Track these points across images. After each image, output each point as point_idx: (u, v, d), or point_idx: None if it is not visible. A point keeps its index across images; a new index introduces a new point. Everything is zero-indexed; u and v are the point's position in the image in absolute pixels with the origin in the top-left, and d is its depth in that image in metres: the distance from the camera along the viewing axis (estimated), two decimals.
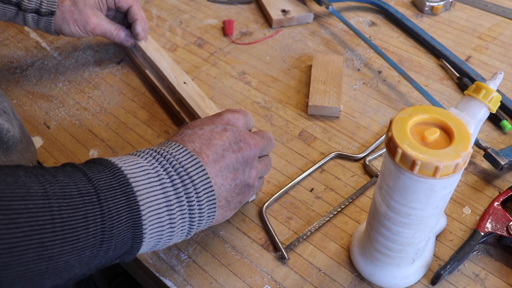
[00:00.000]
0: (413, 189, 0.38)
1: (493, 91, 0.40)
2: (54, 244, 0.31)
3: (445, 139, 0.37)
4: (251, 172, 0.45)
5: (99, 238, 0.34)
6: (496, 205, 0.53)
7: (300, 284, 0.50)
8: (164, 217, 0.38)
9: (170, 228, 0.39)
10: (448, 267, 0.49)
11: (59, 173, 0.34)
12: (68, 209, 0.32)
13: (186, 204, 0.39)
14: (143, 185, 0.37)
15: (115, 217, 0.35)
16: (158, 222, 0.38)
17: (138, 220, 0.36)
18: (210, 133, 0.43)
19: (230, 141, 0.44)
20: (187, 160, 0.40)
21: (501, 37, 0.82)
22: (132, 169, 0.37)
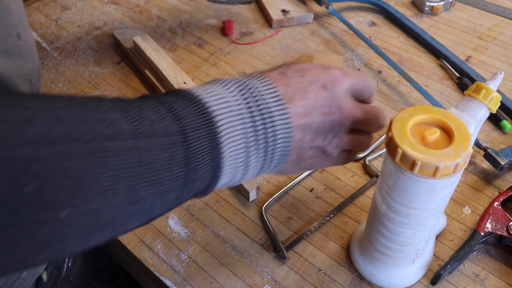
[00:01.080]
0: (413, 189, 0.38)
1: (493, 91, 0.40)
2: (141, 187, 0.30)
3: (445, 139, 0.37)
4: (333, 140, 0.41)
5: (182, 181, 0.33)
6: (496, 205, 0.53)
7: (300, 284, 0.50)
8: (241, 161, 0.36)
9: (243, 171, 0.37)
10: (448, 267, 0.49)
11: (144, 108, 0.32)
12: (155, 150, 0.30)
13: (262, 150, 0.37)
14: (227, 126, 0.35)
15: (198, 159, 0.33)
16: (235, 164, 0.36)
17: (219, 162, 0.35)
18: (309, 84, 0.39)
19: (324, 102, 0.39)
20: (275, 106, 0.37)
21: (501, 37, 0.82)
22: (218, 107, 0.35)
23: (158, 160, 0.30)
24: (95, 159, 0.27)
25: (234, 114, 0.35)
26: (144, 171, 0.30)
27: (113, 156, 0.28)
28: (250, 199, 0.57)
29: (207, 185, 0.36)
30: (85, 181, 0.26)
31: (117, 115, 0.30)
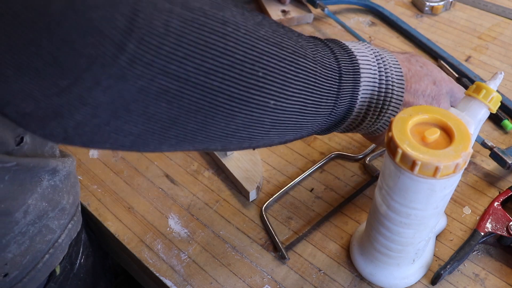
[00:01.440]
0: (413, 189, 0.38)
1: (493, 91, 0.40)
2: (308, 104, 0.38)
3: (445, 139, 0.37)
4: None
5: (330, 111, 0.40)
6: (496, 205, 0.53)
7: (300, 284, 0.50)
8: (363, 110, 0.43)
9: (361, 119, 0.44)
10: (448, 267, 0.49)
11: (316, 44, 0.40)
12: (323, 77, 0.38)
13: (378, 109, 0.44)
14: (365, 80, 0.42)
15: (342, 98, 0.40)
16: (359, 112, 0.43)
17: (353, 105, 0.42)
18: (424, 75, 0.46)
19: (430, 93, 0.46)
20: (397, 78, 0.44)
21: (501, 37, 0.82)
22: (363, 63, 0.42)
23: (324, 84, 0.39)
24: (294, 68, 0.35)
25: (371, 72, 0.42)
26: (315, 91, 0.38)
27: (302, 71, 0.36)
28: (250, 199, 0.57)
29: (341, 118, 0.43)
30: (287, 83, 0.35)
31: (303, 42, 0.38)
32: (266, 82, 0.33)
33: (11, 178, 0.41)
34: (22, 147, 0.42)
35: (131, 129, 0.30)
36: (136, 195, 0.59)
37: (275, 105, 0.35)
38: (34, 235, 0.46)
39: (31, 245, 0.46)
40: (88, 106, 0.27)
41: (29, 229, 0.45)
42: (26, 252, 0.46)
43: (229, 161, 0.60)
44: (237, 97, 0.32)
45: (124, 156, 0.64)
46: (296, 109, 0.37)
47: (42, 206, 0.46)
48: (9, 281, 0.46)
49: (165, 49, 0.27)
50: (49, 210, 0.47)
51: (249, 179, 0.58)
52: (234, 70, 0.31)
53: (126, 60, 0.26)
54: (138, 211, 0.58)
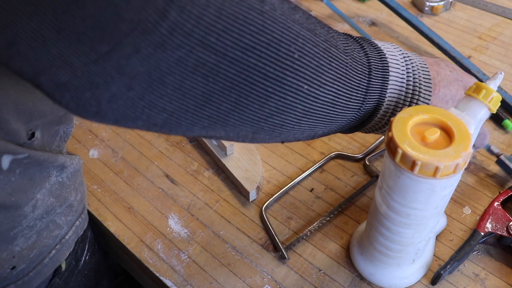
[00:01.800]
0: (413, 189, 0.38)
1: (494, 91, 0.40)
2: (339, 96, 0.38)
3: (445, 139, 0.37)
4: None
5: (359, 106, 0.40)
6: (496, 205, 0.53)
7: (300, 284, 0.50)
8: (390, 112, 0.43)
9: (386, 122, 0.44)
10: (448, 267, 0.49)
11: (347, 38, 0.41)
12: (353, 70, 0.38)
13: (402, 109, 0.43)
14: (393, 78, 0.42)
15: (371, 94, 0.40)
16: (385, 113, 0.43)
17: (380, 105, 0.42)
18: (454, 80, 0.46)
19: (459, 98, 0.46)
20: (425, 81, 0.44)
21: (501, 37, 0.82)
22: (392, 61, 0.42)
23: (355, 77, 0.38)
24: (327, 56, 0.35)
25: (399, 72, 0.42)
26: (346, 83, 0.38)
27: (334, 60, 0.36)
28: (250, 199, 0.57)
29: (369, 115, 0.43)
30: (321, 69, 0.35)
31: (334, 34, 0.38)
32: (301, 65, 0.33)
33: (21, 172, 0.42)
34: (33, 142, 0.43)
35: (165, 105, 0.30)
36: (136, 195, 0.59)
37: (309, 90, 0.35)
38: (41, 230, 0.47)
39: (38, 240, 0.47)
40: (125, 76, 0.27)
41: (37, 223, 0.46)
42: (33, 246, 0.47)
43: (229, 161, 0.60)
44: (272, 76, 0.32)
45: (124, 156, 0.64)
46: (328, 99, 0.37)
47: (50, 202, 0.46)
48: (16, 274, 0.47)
49: (206, 20, 0.27)
50: (56, 206, 0.48)
51: (249, 179, 0.58)
52: (270, 49, 0.31)
53: (167, 27, 0.26)
54: (138, 211, 0.58)
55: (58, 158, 0.46)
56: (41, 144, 0.45)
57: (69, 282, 0.55)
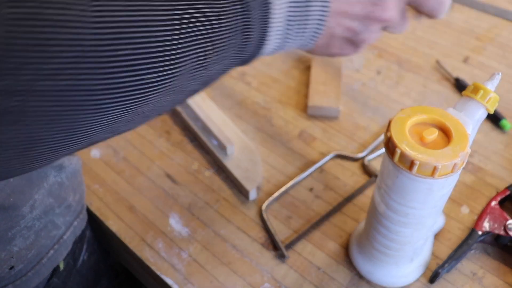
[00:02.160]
0: (412, 189, 0.38)
1: (491, 92, 0.41)
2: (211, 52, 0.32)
3: (443, 139, 0.38)
4: (365, 35, 0.41)
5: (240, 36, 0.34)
6: (494, 204, 0.54)
7: (299, 283, 0.51)
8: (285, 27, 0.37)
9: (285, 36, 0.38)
10: (446, 266, 0.49)
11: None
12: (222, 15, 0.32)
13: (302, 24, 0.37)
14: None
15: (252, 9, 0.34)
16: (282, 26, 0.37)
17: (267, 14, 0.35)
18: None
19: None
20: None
21: (499, 38, 0.83)
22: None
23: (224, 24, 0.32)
24: (175, 25, 0.28)
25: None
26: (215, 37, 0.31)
27: (190, 23, 0.29)
28: (250, 199, 0.58)
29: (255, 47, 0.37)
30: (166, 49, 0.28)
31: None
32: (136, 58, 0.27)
33: None
34: None
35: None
36: (137, 194, 0.60)
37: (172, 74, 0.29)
38: (39, 230, 0.47)
39: (36, 240, 0.47)
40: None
41: (35, 223, 0.46)
42: (31, 246, 0.47)
43: (229, 161, 0.60)
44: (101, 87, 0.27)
45: (125, 156, 0.64)
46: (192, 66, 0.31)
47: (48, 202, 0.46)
48: (15, 274, 0.47)
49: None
50: (55, 206, 0.48)
51: (249, 179, 0.58)
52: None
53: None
54: (139, 210, 0.58)
55: None
56: None
57: (67, 282, 0.56)
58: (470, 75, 0.76)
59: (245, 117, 0.68)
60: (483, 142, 0.65)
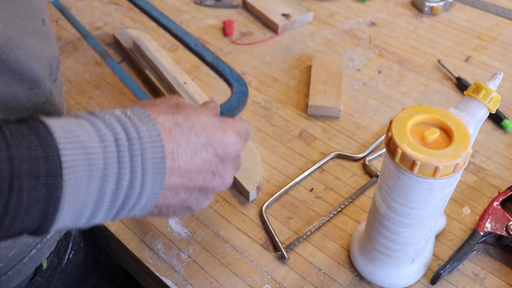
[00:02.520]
0: (413, 189, 0.38)
1: (493, 91, 0.40)
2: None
3: (445, 139, 0.37)
4: (205, 202, 0.40)
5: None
6: (496, 205, 0.53)
7: (300, 284, 0.50)
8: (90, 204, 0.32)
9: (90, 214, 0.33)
10: (448, 267, 0.49)
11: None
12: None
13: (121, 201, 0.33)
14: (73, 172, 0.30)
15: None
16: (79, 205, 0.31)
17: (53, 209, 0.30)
18: (202, 147, 0.37)
19: (209, 167, 0.38)
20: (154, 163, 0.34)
21: (501, 38, 0.82)
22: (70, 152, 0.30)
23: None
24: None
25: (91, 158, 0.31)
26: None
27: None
28: (250, 199, 0.58)
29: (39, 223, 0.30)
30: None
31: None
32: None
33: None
34: None
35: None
36: None
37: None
38: None
39: (18, 239, 0.46)
40: None
41: None
42: (13, 245, 0.46)
43: None
44: None
45: None
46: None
47: None
48: None
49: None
50: None
51: (249, 179, 0.58)
52: None
53: None
54: None
55: None
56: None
57: (51, 281, 0.55)
58: (471, 74, 0.75)
59: (245, 117, 0.68)
60: (485, 142, 0.64)
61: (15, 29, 0.40)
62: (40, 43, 0.43)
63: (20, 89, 0.41)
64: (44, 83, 0.44)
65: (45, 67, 0.44)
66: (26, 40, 0.41)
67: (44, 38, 0.44)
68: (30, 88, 0.43)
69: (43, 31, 0.44)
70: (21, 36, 0.40)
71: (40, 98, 0.44)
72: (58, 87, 0.50)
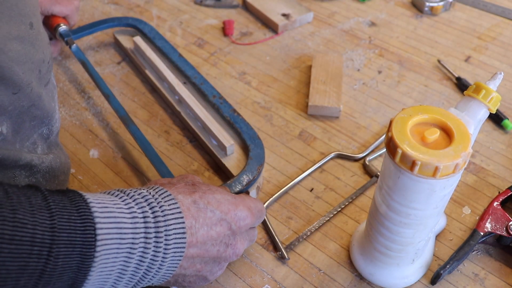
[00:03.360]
0: (413, 189, 0.38)
1: (493, 91, 0.40)
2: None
3: (445, 139, 0.37)
4: (218, 272, 0.44)
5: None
6: (496, 205, 0.53)
7: (300, 284, 0.50)
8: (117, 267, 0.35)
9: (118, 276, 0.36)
10: (448, 267, 0.49)
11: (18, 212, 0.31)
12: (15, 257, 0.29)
13: (143, 271, 0.37)
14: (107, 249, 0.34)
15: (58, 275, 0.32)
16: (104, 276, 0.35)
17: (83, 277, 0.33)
18: (217, 222, 0.41)
19: (223, 239, 0.42)
20: (177, 237, 0.38)
21: (501, 37, 0.82)
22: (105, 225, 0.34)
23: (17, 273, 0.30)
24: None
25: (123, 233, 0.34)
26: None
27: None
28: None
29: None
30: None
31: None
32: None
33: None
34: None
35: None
36: None
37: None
38: None
39: None
40: None
41: None
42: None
43: (229, 161, 0.60)
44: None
45: (124, 156, 0.64)
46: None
47: None
48: None
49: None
50: None
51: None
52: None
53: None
54: None
55: (22, 156, 0.44)
56: (11, 141, 0.43)
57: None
58: (471, 74, 0.75)
59: (245, 117, 0.68)
60: (485, 142, 0.64)
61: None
62: (26, 47, 0.43)
63: (2, 93, 0.41)
64: (30, 88, 0.44)
65: (31, 71, 0.44)
66: (9, 45, 0.40)
67: (32, 42, 0.43)
68: (13, 92, 0.42)
69: (30, 35, 0.43)
70: (4, 40, 0.40)
71: (23, 102, 0.44)
72: (50, 91, 0.49)
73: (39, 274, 0.30)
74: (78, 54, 0.71)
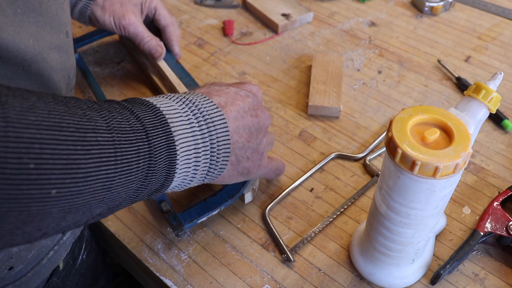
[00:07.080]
0: (413, 189, 0.38)
1: (493, 92, 0.40)
2: (115, 176, 0.33)
3: (445, 140, 0.37)
4: (263, 139, 0.48)
5: (145, 173, 0.36)
6: (496, 205, 0.53)
7: (300, 284, 0.50)
8: (192, 159, 0.41)
9: (194, 170, 0.42)
10: (448, 267, 0.49)
11: (112, 110, 0.36)
12: (125, 143, 0.34)
13: (209, 150, 0.42)
14: (178, 127, 0.40)
15: (158, 154, 0.37)
16: (187, 163, 0.41)
17: (173, 159, 0.39)
18: (235, 94, 0.46)
19: (250, 106, 0.47)
20: (213, 111, 0.43)
21: (501, 37, 0.82)
22: (168, 111, 0.40)
23: (128, 152, 0.34)
24: (81, 146, 0.31)
25: (183, 119, 0.41)
26: (118, 161, 0.33)
27: (95, 145, 0.31)
28: (245, 201, 0.57)
29: (162, 183, 0.40)
30: (74, 165, 0.30)
31: (93, 113, 0.33)
32: (42, 172, 0.28)
33: None
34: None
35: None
36: None
37: (60, 193, 0.30)
38: None
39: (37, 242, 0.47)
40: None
41: None
42: (31, 247, 0.47)
43: None
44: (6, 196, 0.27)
45: None
46: (97, 187, 0.32)
47: None
48: (14, 275, 0.47)
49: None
50: None
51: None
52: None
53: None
54: (138, 211, 0.58)
55: None
56: None
57: (66, 281, 0.56)
58: (471, 74, 0.75)
59: None
60: (485, 142, 0.64)
61: (43, 43, 0.41)
62: (62, 56, 0.44)
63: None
64: (62, 94, 0.45)
65: (64, 78, 0.46)
66: (51, 54, 0.42)
67: (67, 49, 0.45)
68: None
69: (65, 44, 0.45)
70: (47, 50, 0.42)
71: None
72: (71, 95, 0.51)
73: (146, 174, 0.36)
74: (80, 63, 0.71)
